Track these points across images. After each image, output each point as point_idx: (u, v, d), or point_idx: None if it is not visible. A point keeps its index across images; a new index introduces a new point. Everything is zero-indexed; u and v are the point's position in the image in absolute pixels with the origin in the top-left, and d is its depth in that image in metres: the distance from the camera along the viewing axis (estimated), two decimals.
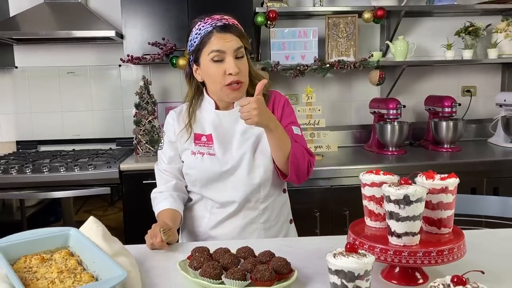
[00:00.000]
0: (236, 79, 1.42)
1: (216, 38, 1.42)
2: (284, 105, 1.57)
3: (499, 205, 1.94)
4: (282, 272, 1.03)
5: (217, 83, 1.45)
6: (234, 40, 1.43)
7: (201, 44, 1.44)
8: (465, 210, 1.97)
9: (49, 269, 0.99)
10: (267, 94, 1.55)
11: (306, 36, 3.02)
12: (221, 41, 1.42)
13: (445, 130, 3.02)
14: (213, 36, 1.42)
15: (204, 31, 1.43)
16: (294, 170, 1.44)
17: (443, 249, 0.95)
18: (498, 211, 1.95)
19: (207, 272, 1.02)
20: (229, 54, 1.42)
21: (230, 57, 1.42)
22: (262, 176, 1.49)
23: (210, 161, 1.49)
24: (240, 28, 1.49)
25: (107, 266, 0.95)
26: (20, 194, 2.62)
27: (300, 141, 1.53)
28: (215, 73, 1.43)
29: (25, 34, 2.85)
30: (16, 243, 1.07)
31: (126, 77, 3.23)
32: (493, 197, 2.02)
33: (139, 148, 2.93)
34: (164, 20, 2.85)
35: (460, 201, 1.95)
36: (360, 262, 0.85)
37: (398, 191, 0.95)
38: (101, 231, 1.13)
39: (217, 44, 1.42)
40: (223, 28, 1.43)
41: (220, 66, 1.42)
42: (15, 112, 3.21)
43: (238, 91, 1.45)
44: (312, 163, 1.53)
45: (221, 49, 1.41)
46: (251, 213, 1.52)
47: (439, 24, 3.33)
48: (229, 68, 1.41)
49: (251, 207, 1.52)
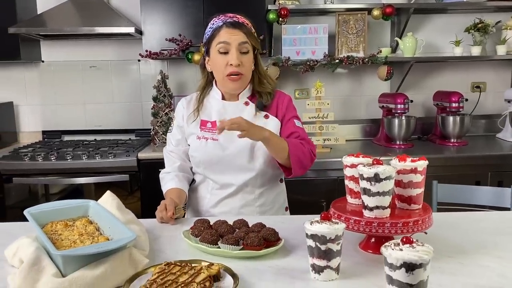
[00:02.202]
0: (236, 71, 1.57)
1: (224, 32, 1.58)
2: (288, 103, 1.72)
3: (493, 195, 2.04)
4: (270, 239, 1.18)
5: (220, 73, 1.61)
6: (240, 35, 1.58)
7: (212, 36, 1.61)
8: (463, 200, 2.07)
9: (72, 233, 1.16)
10: (272, 93, 1.69)
11: (316, 32, 3.13)
12: (228, 34, 1.58)
13: (452, 124, 3.09)
14: (222, 30, 1.59)
15: (216, 25, 1.60)
16: (297, 166, 1.57)
17: (408, 221, 1.08)
18: (493, 201, 2.05)
19: (206, 238, 1.18)
20: (233, 47, 1.57)
21: (234, 50, 1.57)
22: (261, 166, 1.64)
23: (213, 145, 1.64)
24: (250, 28, 1.64)
25: (120, 231, 1.10)
26: (45, 180, 2.82)
27: (301, 133, 1.67)
28: (219, 64, 1.59)
29: (51, 30, 3.02)
30: (44, 211, 1.25)
31: (145, 72, 3.40)
32: (488, 188, 2.12)
33: (156, 139, 3.10)
34: (181, 17, 3.00)
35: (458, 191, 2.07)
36: (331, 228, 0.99)
37: (370, 170, 1.08)
38: (116, 203, 1.30)
39: (224, 36, 1.57)
40: (232, 24, 1.59)
41: (224, 58, 1.58)
42: (41, 104, 3.42)
43: (236, 82, 1.60)
44: (314, 152, 1.66)
45: (227, 41, 1.57)
46: (248, 196, 1.67)
47: (448, 21, 3.39)
48: (231, 59, 1.56)
49: (248, 191, 1.66)
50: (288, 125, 1.67)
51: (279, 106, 1.70)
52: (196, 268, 1.00)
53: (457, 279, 1.04)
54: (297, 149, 1.57)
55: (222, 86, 1.67)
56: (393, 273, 0.85)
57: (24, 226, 1.38)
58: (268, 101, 1.67)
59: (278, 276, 1.07)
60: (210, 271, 0.99)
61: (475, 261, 1.13)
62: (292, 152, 1.55)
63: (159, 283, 0.93)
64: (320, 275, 1.03)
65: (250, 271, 1.09)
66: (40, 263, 0.99)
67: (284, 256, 1.18)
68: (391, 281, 0.86)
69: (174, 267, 1.00)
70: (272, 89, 1.69)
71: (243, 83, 1.64)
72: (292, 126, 1.66)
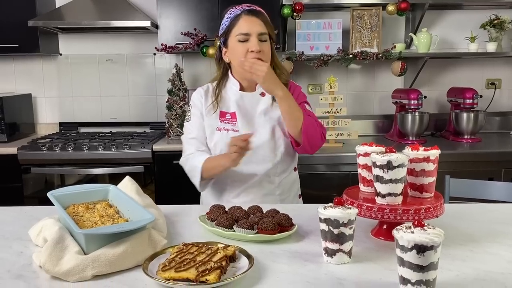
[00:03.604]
0: (257, 56, 1.59)
1: (244, 20, 1.60)
2: (299, 91, 1.75)
3: (506, 190, 2.05)
4: (284, 225, 1.21)
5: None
6: (259, 25, 1.61)
7: (231, 25, 1.63)
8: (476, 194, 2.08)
9: (92, 215, 1.20)
10: (286, 83, 1.71)
11: (331, 27, 3.14)
12: (247, 24, 1.60)
13: (465, 121, 3.09)
14: (241, 19, 1.61)
15: (234, 14, 1.63)
16: (307, 139, 1.60)
17: (420, 208, 1.10)
18: (506, 196, 2.05)
19: (221, 223, 1.21)
20: (253, 36, 1.59)
21: (254, 37, 1.59)
22: (282, 155, 1.67)
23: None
24: (267, 17, 1.66)
25: (139, 213, 1.14)
26: (62, 170, 2.89)
27: (312, 115, 1.69)
28: (239, 51, 1.61)
29: (69, 24, 3.09)
30: (66, 194, 1.30)
31: (160, 65, 3.45)
32: (501, 183, 2.13)
33: (171, 131, 3.15)
34: (196, 12, 3.04)
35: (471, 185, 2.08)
36: (344, 212, 1.02)
37: (383, 158, 1.10)
38: (135, 188, 1.34)
39: (244, 26, 1.60)
40: (250, 11, 1.62)
41: (244, 45, 1.60)
42: (59, 96, 3.49)
43: None
44: (324, 135, 1.68)
45: (248, 32, 1.59)
46: (269, 185, 1.70)
47: (464, 17, 3.37)
48: (252, 46, 1.59)
49: (269, 180, 1.70)
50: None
51: (291, 92, 1.72)
52: (213, 248, 1.04)
53: (467, 264, 1.06)
54: (310, 124, 1.60)
55: (242, 75, 1.69)
56: (404, 254, 0.87)
57: (46, 210, 1.43)
58: None
59: (292, 259, 1.10)
60: (226, 252, 1.03)
61: (485, 248, 1.15)
62: (306, 124, 1.58)
63: (178, 262, 0.97)
64: (332, 258, 1.05)
65: (265, 254, 1.12)
66: (64, 241, 1.04)
67: (297, 241, 1.21)
68: (402, 263, 0.88)
69: (192, 247, 1.04)
70: (286, 80, 1.72)
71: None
72: (303, 108, 1.67)
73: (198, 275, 0.93)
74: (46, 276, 1.01)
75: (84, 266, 0.98)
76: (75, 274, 0.98)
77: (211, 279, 0.92)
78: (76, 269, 0.98)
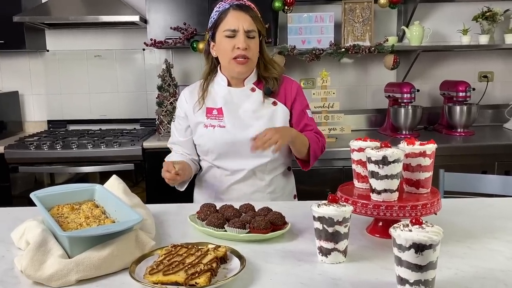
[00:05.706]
0: (243, 54, 1.55)
1: (231, 16, 1.56)
2: (297, 91, 1.71)
3: (501, 184, 2.03)
4: (277, 223, 1.17)
5: (227, 56, 1.59)
6: (248, 21, 1.57)
7: (218, 20, 1.59)
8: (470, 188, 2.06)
9: (78, 216, 1.15)
10: (278, 78, 1.68)
11: (322, 21, 3.10)
12: (235, 20, 1.56)
13: (458, 114, 3.07)
14: (229, 13, 1.57)
15: (222, 8, 1.59)
16: (313, 160, 1.65)
17: (417, 204, 1.07)
18: (501, 189, 2.04)
19: (212, 222, 1.17)
20: (241, 32, 1.55)
21: (241, 33, 1.55)
22: (272, 151, 1.63)
23: (220, 132, 1.63)
24: (256, 12, 1.62)
25: (126, 214, 1.10)
26: (51, 169, 2.83)
27: (315, 126, 1.71)
28: (226, 47, 1.57)
29: (56, 19, 3.01)
30: (50, 194, 1.25)
31: (150, 61, 3.39)
32: (496, 176, 2.11)
33: (161, 128, 3.10)
34: (186, 6, 2.98)
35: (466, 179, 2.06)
36: (339, 210, 0.98)
37: (378, 153, 1.07)
38: (122, 187, 1.30)
39: (231, 22, 1.56)
40: (239, 6, 1.58)
41: (231, 41, 1.56)
42: (46, 93, 3.42)
43: (243, 65, 1.59)
44: (324, 145, 1.72)
45: (235, 28, 1.55)
46: (259, 182, 1.67)
47: (456, 9, 3.34)
48: (238, 42, 1.55)
49: (259, 177, 1.67)
50: (302, 117, 1.69)
51: (287, 93, 1.69)
52: (203, 250, 1.00)
53: (466, 262, 1.03)
54: (315, 145, 1.63)
55: (227, 71, 1.66)
56: (402, 254, 0.84)
57: (31, 211, 1.38)
58: (275, 86, 1.66)
59: (285, 258, 1.07)
60: (217, 253, 0.99)
61: (484, 245, 1.12)
62: (312, 147, 1.61)
63: (166, 264, 0.93)
64: (327, 257, 1.02)
65: (257, 254, 1.09)
66: (47, 244, 0.99)
67: (291, 240, 1.18)
68: (400, 263, 0.85)
69: (181, 249, 1.00)
70: (278, 75, 1.68)
71: (250, 67, 1.62)
72: (305, 118, 1.69)
73: (187, 278, 0.89)
74: (27, 281, 0.97)
75: (67, 271, 0.94)
76: (58, 279, 0.93)
77: (201, 282, 0.89)
78: (59, 274, 0.93)
